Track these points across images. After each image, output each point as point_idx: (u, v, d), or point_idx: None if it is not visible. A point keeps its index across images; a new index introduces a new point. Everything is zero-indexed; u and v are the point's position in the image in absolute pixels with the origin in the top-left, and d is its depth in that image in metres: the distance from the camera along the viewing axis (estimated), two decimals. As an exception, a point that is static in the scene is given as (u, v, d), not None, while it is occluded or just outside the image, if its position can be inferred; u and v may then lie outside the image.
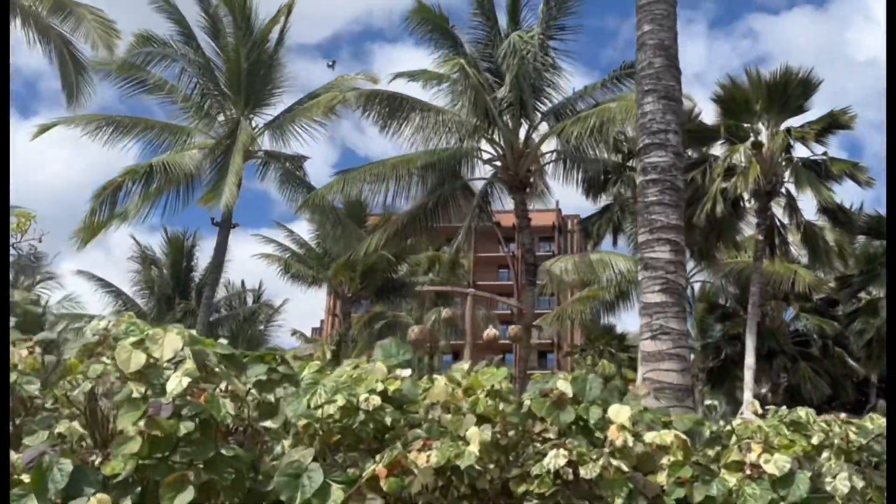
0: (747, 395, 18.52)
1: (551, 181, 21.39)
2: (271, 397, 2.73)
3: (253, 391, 2.67)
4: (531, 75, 19.24)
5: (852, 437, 3.74)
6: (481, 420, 2.92)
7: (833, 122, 18.34)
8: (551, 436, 3.13)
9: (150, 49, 19.34)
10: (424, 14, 18.43)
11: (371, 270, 30.23)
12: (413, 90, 20.22)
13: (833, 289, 22.59)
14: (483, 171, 20.87)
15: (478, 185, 21.21)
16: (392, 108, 18.63)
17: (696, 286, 27.23)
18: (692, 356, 29.59)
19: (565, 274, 23.92)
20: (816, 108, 19.50)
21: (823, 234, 19.60)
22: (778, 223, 19.96)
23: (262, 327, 33.81)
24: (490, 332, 18.13)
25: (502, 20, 19.90)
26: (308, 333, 47.01)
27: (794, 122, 19.29)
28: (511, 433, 3.23)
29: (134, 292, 31.55)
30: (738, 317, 25.23)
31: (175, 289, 31.52)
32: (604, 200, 21.39)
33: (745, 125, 19.02)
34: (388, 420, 2.71)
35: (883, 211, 21.36)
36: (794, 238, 20.47)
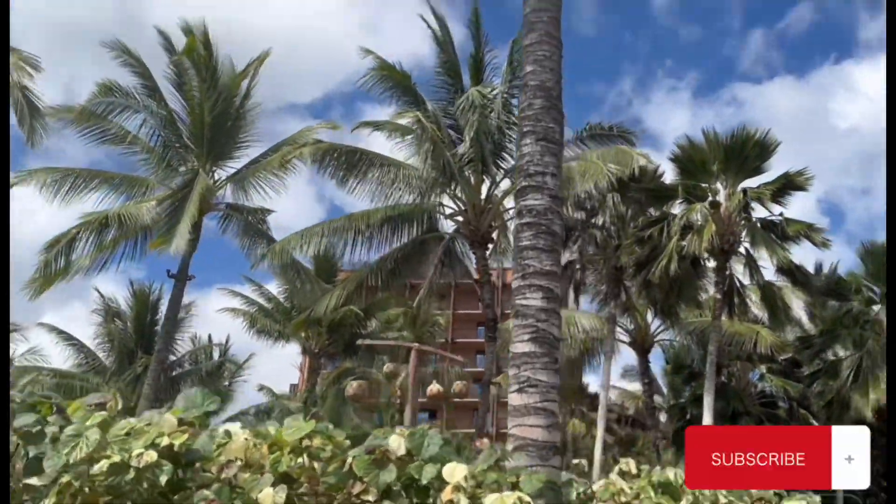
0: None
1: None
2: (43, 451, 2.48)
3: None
4: (493, 132, 19.39)
5: (722, 500, 3.51)
6: (284, 479, 2.68)
7: (788, 183, 18.52)
8: (370, 498, 2.89)
9: (112, 99, 19.34)
10: (386, 71, 18.60)
11: (339, 326, 29.90)
12: (378, 142, 20.26)
13: (796, 349, 22.50)
14: (446, 227, 20.85)
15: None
16: (350, 163, 18.62)
17: (665, 346, 27.07)
18: (663, 418, 29.25)
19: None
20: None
21: (783, 294, 19.59)
22: (738, 283, 19.96)
23: (227, 382, 33.11)
24: (434, 387, 17.72)
25: (467, 79, 20.17)
26: (286, 389, 46.13)
27: (754, 182, 19.50)
28: (338, 496, 2.99)
29: (96, 345, 30.94)
30: (703, 377, 24.95)
31: (138, 343, 30.93)
32: (567, 257, 21.32)
33: (704, 185, 19.18)
34: (163, 479, 2.47)
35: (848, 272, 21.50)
36: (755, 297, 20.44)
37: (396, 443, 3.05)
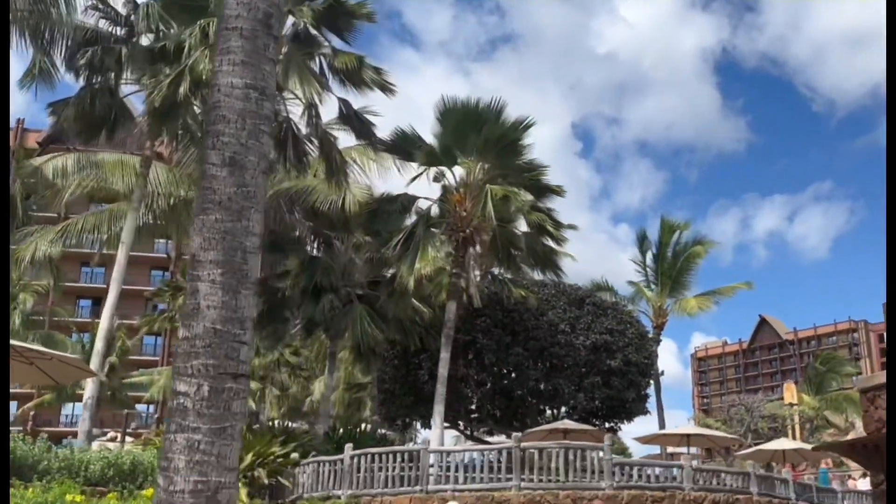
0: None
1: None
2: None
3: None
4: None
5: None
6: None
7: (339, 7, 15.02)
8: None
9: None
10: None
11: None
12: None
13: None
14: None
15: None
16: None
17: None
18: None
19: (60, 176, 18.80)
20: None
21: (338, 145, 16.55)
22: (294, 128, 16.54)
23: None
24: None
25: None
26: None
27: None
28: None
29: None
30: (297, 247, 21.95)
31: None
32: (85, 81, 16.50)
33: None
34: None
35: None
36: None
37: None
